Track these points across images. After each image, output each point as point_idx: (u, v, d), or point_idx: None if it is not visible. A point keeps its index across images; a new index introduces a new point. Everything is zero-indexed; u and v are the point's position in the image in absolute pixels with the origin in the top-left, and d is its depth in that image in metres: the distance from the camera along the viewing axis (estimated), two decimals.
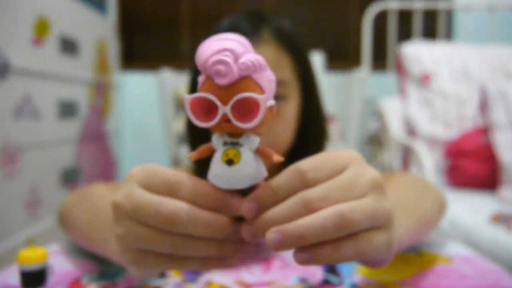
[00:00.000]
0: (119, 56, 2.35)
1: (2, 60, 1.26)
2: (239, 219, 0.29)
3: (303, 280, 0.44)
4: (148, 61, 2.50)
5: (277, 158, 0.29)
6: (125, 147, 2.49)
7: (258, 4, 2.44)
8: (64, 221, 0.54)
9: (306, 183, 0.28)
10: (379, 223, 0.29)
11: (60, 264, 0.49)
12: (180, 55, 2.50)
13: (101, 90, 2.06)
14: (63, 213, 0.54)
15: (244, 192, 0.29)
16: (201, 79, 0.28)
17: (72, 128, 1.74)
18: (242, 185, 0.28)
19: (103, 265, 0.49)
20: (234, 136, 0.29)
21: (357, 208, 0.28)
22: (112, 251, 0.37)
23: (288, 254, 0.51)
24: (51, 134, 1.55)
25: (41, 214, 1.48)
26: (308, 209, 0.27)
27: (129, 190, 0.30)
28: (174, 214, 0.28)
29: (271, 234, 0.27)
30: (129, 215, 0.30)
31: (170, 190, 0.29)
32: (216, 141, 0.29)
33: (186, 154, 0.74)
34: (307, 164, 0.29)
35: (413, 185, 0.53)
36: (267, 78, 0.28)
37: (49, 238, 1.47)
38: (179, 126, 1.87)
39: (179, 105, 1.90)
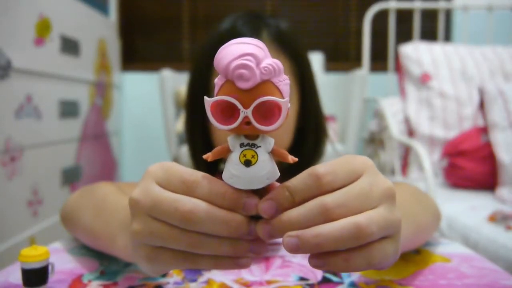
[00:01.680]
0: (120, 56, 2.36)
1: (4, 60, 1.27)
2: (252, 218, 0.30)
3: (303, 279, 0.45)
4: (148, 61, 2.50)
5: (292, 158, 0.30)
6: (125, 147, 2.49)
7: (258, 4, 2.44)
8: (68, 219, 0.54)
9: (322, 187, 0.29)
10: (390, 233, 0.30)
11: (62, 263, 0.49)
12: (180, 55, 2.50)
13: (102, 90, 2.07)
14: (66, 211, 0.55)
15: (257, 192, 0.30)
16: (219, 81, 0.29)
17: (73, 128, 1.74)
18: (258, 185, 0.29)
19: (105, 263, 0.49)
20: (251, 138, 0.29)
21: (373, 219, 0.28)
22: (120, 247, 0.38)
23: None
24: (52, 134, 1.56)
25: (43, 213, 1.48)
26: (326, 215, 0.28)
27: (146, 187, 0.31)
28: (192, 212, 0.29)
29: (289, 238, 0.28)
30: (146, 211, 0.30)
31: (187, 188, 0.30)
32: (233, 142, 0.29)
33: (186, 153, 0.74)
34: (323, 168, 0.29)
35: (411, 195, 0.54)
36: (285, 82, 0.29)
37: (50, 237, 1.48)
38: (180, 126, 1.87)
39: (180, 105, 1.90)
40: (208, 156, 0.30)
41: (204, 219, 0.29)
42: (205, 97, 0.28)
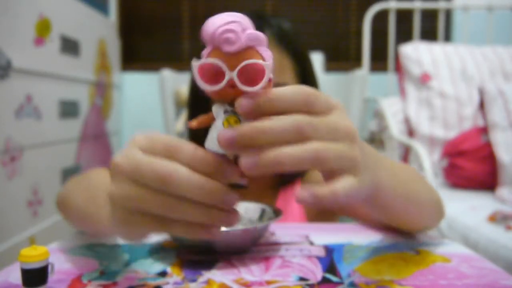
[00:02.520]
0: (120, 56, 2.36)
1: (4, 60, 1.27)
2: (231, 187, 0.31)
3: (303, 280, 0.45)
4: (148, 61, 2.50)
5: None
6: (125, 147, 2.49)
7: (258, 4, 2.44)
8: (62, 204, 0.55)
9: (306, 104, 0.29)
10: (348, 167, 0.30)
11: (61, 263, 0.49)
12: (180, 55, 2.50)
13: (102, 90, 2.07)
14: (61, 196, 0.56)
15: (237, 163, 0.31)
16: (206, 51, 0.30)
17: (73, 128, 1.74)
18: None
19: (104, 263, 0.49)
20: (234, 106, 0.30)
21: (331, 148, 0.29)
22: (104, 219, 0.38)
23: (288, 252, 0.52)
24: (52, 134, 1.56)
25: (43, 213, 1.48)
26: (297, 133, 0.28)
27: (129, 152, 0.32)
28: (169, 174, 0.30)
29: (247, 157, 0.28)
30: (126, 174, 0.31)
31: (169, 153, 0.31)
32: (217, 109, 0.31)
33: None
34: (309, 88, 0.30)
35: (411, 173, 0.53)
36: (268, 53, 0.30)
37: (50, 237, 1.48)
38: (180, 126, 1.87)
39: (180, 105, 1.90)
40: (193, 124, 0.31)
41: (181, 182, 0.29)
42: (192, 61, 0.30)
